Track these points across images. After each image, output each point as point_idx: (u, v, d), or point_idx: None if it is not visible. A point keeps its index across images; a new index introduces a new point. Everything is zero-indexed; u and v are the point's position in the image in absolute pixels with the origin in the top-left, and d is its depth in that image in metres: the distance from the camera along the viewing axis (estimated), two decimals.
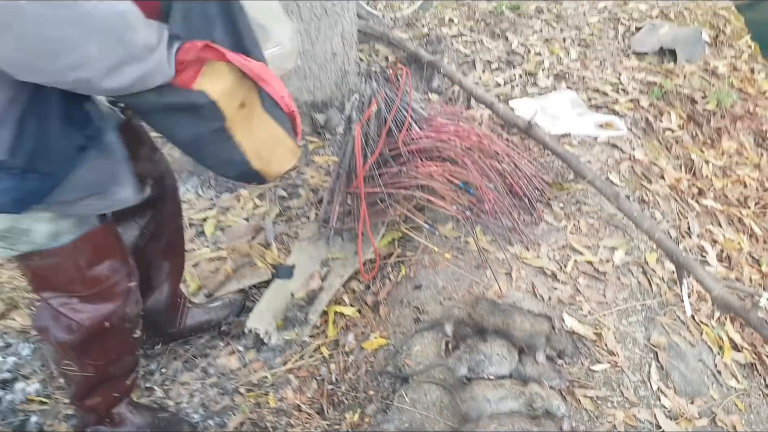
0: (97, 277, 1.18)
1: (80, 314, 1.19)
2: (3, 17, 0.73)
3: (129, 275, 1.24)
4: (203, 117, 0.99)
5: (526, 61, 3.15)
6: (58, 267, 1.14)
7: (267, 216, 2.26)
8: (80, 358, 1.26)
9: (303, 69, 2.70)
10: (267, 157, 1.11)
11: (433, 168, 2.00)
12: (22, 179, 0.93)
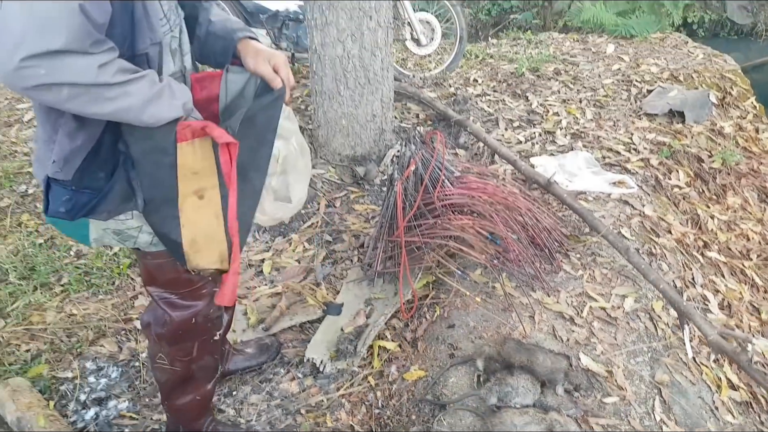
0: (190, 279, 1.45)
1: (174, 310, 1.48)
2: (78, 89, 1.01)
3: (214, 281, 1.52)
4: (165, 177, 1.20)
5: (545, 120, 3.45)
6: (163, 267, 1.42)
7: (316, 258, 2.55)
8: (171, 353, 1.54)
9: (347, 128, 3.03)
10: (199, 245, 1.30)
11: (464, 221, 2.28)
12: (75, 193, 1.20)
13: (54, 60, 0.96)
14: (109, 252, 2.52)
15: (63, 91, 1.00)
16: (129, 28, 1.11)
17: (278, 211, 1.47)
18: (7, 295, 2.31)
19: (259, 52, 1.33)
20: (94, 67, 1.00)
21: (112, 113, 1.08)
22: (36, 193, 2.90)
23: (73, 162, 1.17)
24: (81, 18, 0.96)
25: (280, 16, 3.72)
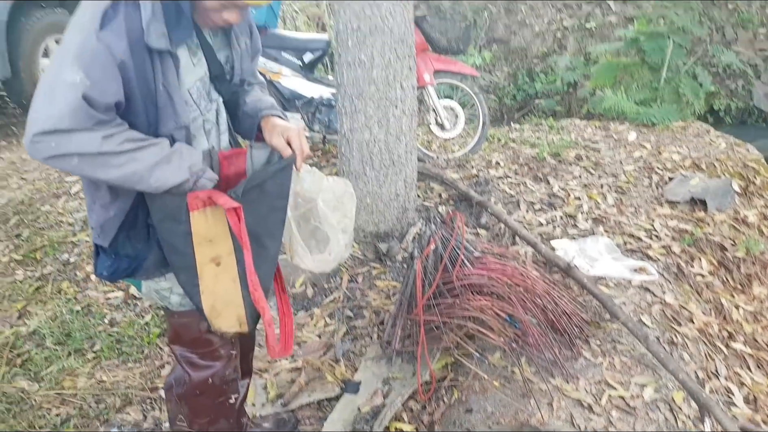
0: (209, 340, 1.55)
1: (194, 369, 1.57)
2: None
3: (231, 344, 1.61)
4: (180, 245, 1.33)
5: (567, 204, 3.53)
6: (188, 326, 1.54)
7: (336, 334, 2.60)
8: (190, 414, 1.62)
9: (371, 206, 3.15)
10: (218, 310, 1.43)
11: (483, 302, 2.33)
12: (116, 260, 1.37)
13: (61, 136, 1.12)
14: (141, 321, 2.62)
15: (73, 160, 1.16)
16: (153, 114, 1.26)
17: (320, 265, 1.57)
18: (42, 359, 2.41)
19: (275, 126, 1.47)
20: (98, 139, 1.15)
21: (120, 178, 1.21)
22: (77, 261, 3.05)
23: (108, 231, 1.32)
24: (84, 105, 1.12)
25: (314, 102, 3.96)
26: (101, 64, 1.14)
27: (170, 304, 1.51)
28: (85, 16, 1.18)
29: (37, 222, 3.43)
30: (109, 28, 1.16)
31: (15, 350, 2.51)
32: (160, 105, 1.25)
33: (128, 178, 1.21)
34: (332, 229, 1.54)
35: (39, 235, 3.30)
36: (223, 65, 1.45)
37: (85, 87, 1.12)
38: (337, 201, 1.58)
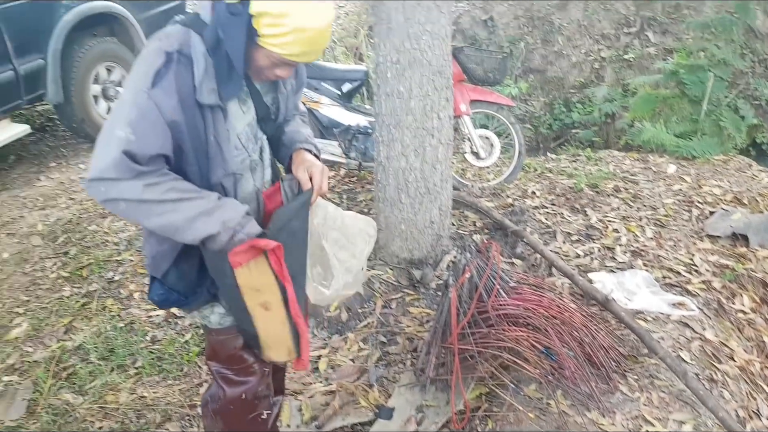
0: (244, 357, 1.63)
1: (229, 385, 1.64)
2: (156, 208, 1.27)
3: (262, 362, 1.67)
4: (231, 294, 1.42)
5: (604, 236, 3.50)
6: (224, 344, 1.61)
7: (370, 359, 2.63)
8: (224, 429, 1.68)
9: (406, 233, 3.18)
10: (269, 344, 1.54)
11: (518, 333, 2.33)
12: (168, 292, 1.45)
13: (108, 184, 1.23)
14: (181, 340, 2.69)
15: (120, 204, 1.26)
16: (204, 164, 1.34)
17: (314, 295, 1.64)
18: (87, 373, 2.50)
19: (303, 160, 1.55)
20: (140, 188, 1.24)
21: (160, 227, 1.30)
22: (121, 280, 3.16)
23: (161, 264, 1.41)
24: (125, 159, 1.22)
25: (351, 130, 4.05)
26: (149, 122, 1.24)
27: (210, 322, 1.58)
28: (138, 74, 1.27)
29: (84, 241, 3.56)
30: (159, 87, 1.24)
31: (61, 364, 2.61)
32: (210, 155, 1.34)
33: (167, 227, 1.29)
34: (336, 266, 1.60)
35: (85, 253, 3.43)
36: (270, 107, 1.53)
37: (129, 143, 1.22)
38: (347, 240, 1.64)
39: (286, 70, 1.37)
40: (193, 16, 1.34)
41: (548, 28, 7.44)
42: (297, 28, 1.25)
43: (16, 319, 2.95)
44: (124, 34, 5.06)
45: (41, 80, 4.33)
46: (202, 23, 1.32)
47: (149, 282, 1.49)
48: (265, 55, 1.32)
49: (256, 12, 1.24)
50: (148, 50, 1.30)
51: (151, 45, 1.31)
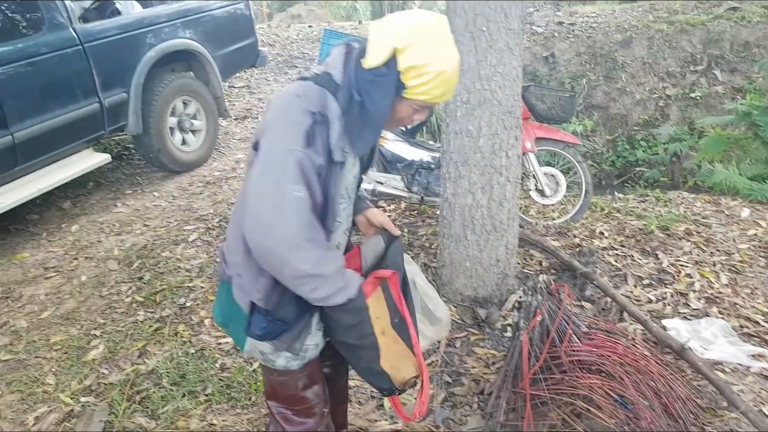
0: (305, 397, 1.64)
1: (289, 425, 1.65)
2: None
3: (325, 402, 1.70)
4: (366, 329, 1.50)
5: (677, 281, 3.39)
6: (285, 384, 1.63)
7: (435, 399, 2.60)
8: None
9: (470, 270, 3.17)
10: (398, 366, 1.58)
11: (593, 380, 2.26)
12: (270, 323, 1.49)
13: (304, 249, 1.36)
14: (249, 368, 2.74)
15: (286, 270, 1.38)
16: (323, 214, 1.45)
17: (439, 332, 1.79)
18: (159, 398, 2.57)
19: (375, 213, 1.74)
20: (312, 261, 1.35)
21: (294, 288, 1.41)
22: (192, 306, 3.26)
23: (272, 297, 1.46)
24: (311, 217, 1.39)
25: (415, 165, 4.10)
26: (311, 179, 1.35)
27: (274, 365, 1.59)
28: (287, 132, 1.35)
29: (157, 266, 3.70)
30: (312, 147, 1.35)
31: (135, 387, 2.69)
32: (327, 206, 1.44)
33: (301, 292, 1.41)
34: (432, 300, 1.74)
35: (159, 279, 3.56)
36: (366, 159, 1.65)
37: (307, 200, 1.34)
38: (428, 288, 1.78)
39: (424, 113, 1.48)
40: (325, 76, 1.43)
41: (611, 65, 7.37)
42: (439, 72, 1.35)
43: (93, 341, 3.07)
44: (200, 70, 5.32)
45: (123, 112, 4.58)
46: (335, 84, 1.41)
47: (248, 316, 1.51)
48: (408, 105, 1.43)
49: (404, 68, 1.34)
50: (293, 107, 1.37)
51: (294, 102, 1.38)
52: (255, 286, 1.47)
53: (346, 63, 1.42)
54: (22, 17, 3.97)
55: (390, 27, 1.36)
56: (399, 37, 1.33)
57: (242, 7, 5.71)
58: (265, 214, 1.31)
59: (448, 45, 1.38)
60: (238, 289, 1.52)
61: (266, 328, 1.50)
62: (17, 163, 3.93)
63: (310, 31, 10.69)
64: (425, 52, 1.33)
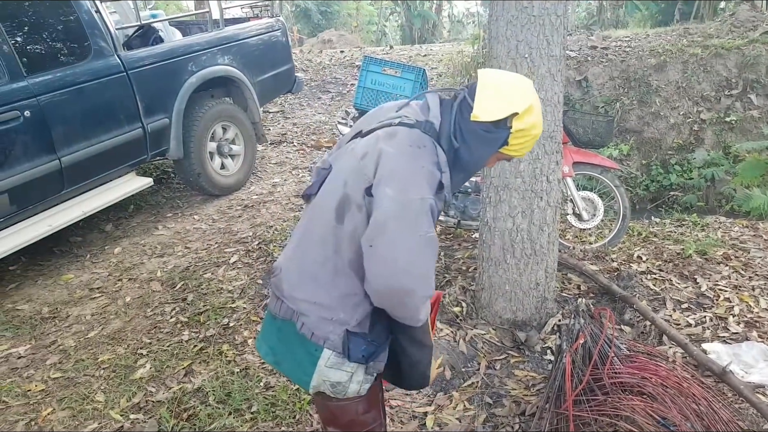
0: (365, 421, 1.66)
1: None
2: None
3: (381, 424, 1.72)
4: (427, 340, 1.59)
5: (716, 305, 3.36)
6: (345, 409, 1.64)
7: (476, 420, 2.62)
8: None
9: (510, 293, 3.19)
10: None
11: (635, 402, 2.26)
12: (369, 345, 1.54)
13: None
14: (293, 387, 2.79)
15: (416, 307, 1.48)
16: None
17: None
18: (206, 415, 2.64)
19: None
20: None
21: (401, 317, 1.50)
22: (235, 326, 3.34)
23: (365, 321, 1.53)
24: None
25: None
26: (433, 225, 1.45)
27: (347, 392, 1.58)
28: (421, 188, 1.43)
29: (200, 288, 3.80)
30: (438, 195, 1.47)
31: (182, 405, 2.76)
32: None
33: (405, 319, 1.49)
34: None
35: (202, 299, 3.65)
36: None
37: (435, 242, 1.45)
38: None
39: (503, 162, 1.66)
40: (428, 125, 1.53)
41: (645, 89, 7.37)
42: (535, 135, 1.53)
43: (140, 360, 3.16)
44: (239, 96, 5.49)
45: (165, 137, 4.74)
46: (435, 130, 1.53)
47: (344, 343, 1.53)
48: (497, 156, 1.58)
49: (516, 130, 1.49)
50: (418, 159, 1.46)
51: (417, 153, 1.47)
52: (353, 316, 1.52)
53: (443, 113, 1.55)
54: (71, 45, 4.17)
55: (509, 91, 1.49)
56: (521, 104, 1.47)
57: (279, 34, 5.89)
58: (401, 258, 1.38)
59: (541, 111, 1.55)
60: (314, 325, 1.54)
61: (366, 350, 1.53)
62: (64, 187, 4.08)
63: (342, 56, 10.92)
64: (534, 119, 1.50)
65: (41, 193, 3.92)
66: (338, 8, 22.07)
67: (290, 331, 1.57)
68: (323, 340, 1.52)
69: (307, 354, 1.54)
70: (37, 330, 3.54)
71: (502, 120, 1.47)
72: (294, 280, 1.57)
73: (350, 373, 1.55)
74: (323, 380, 1.55)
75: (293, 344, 1.57)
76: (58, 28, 4.13)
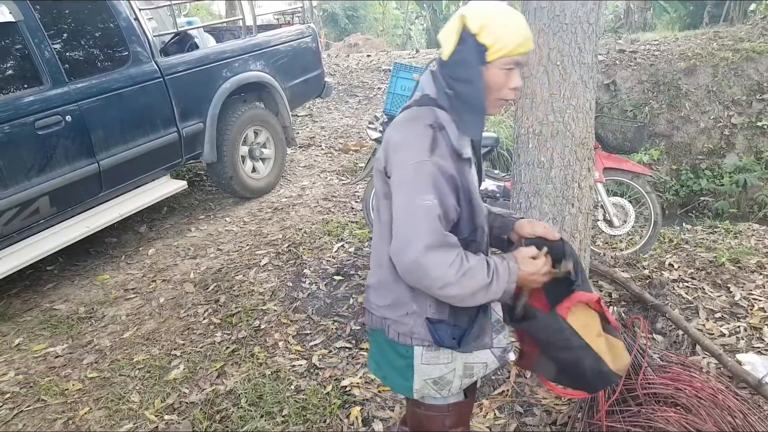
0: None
1: None
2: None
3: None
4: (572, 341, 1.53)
5: (751, 315, 3.31)
6: (432, 420, 1.66)
7: (507, 429, 2.62)
8: None
9: None
10: (616, 357, 1.60)
11: (670, 413, 2.24)
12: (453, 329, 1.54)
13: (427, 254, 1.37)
14: (323, 391, 2.82)
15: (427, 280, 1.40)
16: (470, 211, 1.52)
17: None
18: (238, 417, 2.68)
19: (531, 222, 1.70)
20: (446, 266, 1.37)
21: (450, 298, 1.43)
22: (266, 328, 3.39)
23: (444, 307, 1.52)
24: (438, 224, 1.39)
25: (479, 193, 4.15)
26: (440, 184, 1.41)
27: (450, 389, 1.60)
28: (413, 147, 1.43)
29: (232, 289, 3.87)
30: (437, 153, 1.42)
31: (215, 407, 2.82)
32: (473, 202, 1.52)
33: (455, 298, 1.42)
34: None
35: (234, 301, 3.72)
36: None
37: (436, 208, 1.38)
38: None
39: (517, 75, 1.51)
40: (424, 98, 1.54)
41: (674, 93, 7.26)
42: (508, 22, 1.43)
43: (174, 361, 3.23)
44: (270, 100, 5.57)
45: (199, 141, 4.83)
46: (433, 99, 1.52)
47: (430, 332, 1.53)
48: (496, 69, 1.46)
49: (476, 30, 1.43)
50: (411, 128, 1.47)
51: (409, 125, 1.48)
52: (426, 305, 1.52)
53: (434, 80, 1.54)
54: (110, 52, 4.27)
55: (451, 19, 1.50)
56: (461, 14, 1.47)
57: (310, 40, 5.96)
58: (402, 230, 1.37)
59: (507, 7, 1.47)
60: (397, 326, 1.56)
61: (454, 332, 1.53)
62: (102, 190, 4.19)
63: (369, 60, 10.97)
64: (489, 10, 1.44)
65: (80, 196, 4.03)
66: (364, 12, 22.23)
67: (382, 340, 1.62)
68: (410, 338, 1.55)
69: (401, 358, 1.58)
70: (74, 330, 3.63)
71: (462, 35, 1.46)
72: (373, 289, 1.62)
73: (449, 365, 1.57)
74: (425, 380, 1.58)
75: (388, 353, 1.61)
76: (97, 35, 4.24)
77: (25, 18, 3.69)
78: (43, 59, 3.75)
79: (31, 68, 3.72)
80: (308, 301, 3.70)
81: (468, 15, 1.45)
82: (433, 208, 1.37)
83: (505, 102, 1.55)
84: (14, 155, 3.56)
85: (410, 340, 1.54)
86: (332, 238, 4.56)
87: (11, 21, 3.62)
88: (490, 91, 1.50)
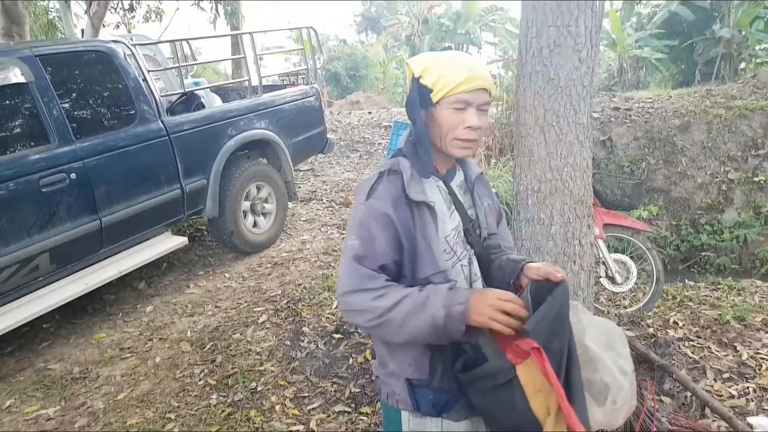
0: None
1: None
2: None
3: None
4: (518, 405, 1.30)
5: (759, 375, 3.24)
6: None
7: None
8: None
9: None
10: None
11: None
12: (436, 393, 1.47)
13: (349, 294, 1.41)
14: None
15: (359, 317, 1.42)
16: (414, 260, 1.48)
17: (610, 418, 1.41)
18: None
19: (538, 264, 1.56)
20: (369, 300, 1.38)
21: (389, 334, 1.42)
22: (263, 390, 3.31)
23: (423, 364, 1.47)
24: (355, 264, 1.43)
25: None
26: (367, 227, 1.45)
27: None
28: (357, 197, 1.53)
29: (229, 349, 3.80)
30: (373, 197, 1.48)
31: None
32: (419, 251, 1.48)
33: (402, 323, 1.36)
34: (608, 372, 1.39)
35: (230, 361, 3.64)
36: (472, 219, 1.67)
37: (356, 248, 1.43)
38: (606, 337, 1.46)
39: (472, 114, 1.48)
40: (397, 150, 1.61)
41: (670, 149, 7.37)
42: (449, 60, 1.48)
43: (168, 425, 3.13)
44: (274, 156, 5.64)
45: (202, 197, 4.85)
46: (401, 149, 1.59)
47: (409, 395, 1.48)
48: (445, 107, 1.48)
49: (419, 73, 1.49)
50: (367, 178, 1.55)
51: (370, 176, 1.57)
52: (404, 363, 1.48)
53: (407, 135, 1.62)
54: (117, 111, 4.35)
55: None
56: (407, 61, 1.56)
57: (313, 99, 6.10)
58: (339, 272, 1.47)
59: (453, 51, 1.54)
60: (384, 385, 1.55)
61: (435, 399, 1.46)
62: (102, 246, 4.17)
63: (370, 117, 11.18)
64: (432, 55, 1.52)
65: (80, 253, 4.01)
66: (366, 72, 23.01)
67: (383, 405, 1.61)
68: (395, 400, 1.52)
69: (391, 422, 1.55)
70: (67, 390, 3.55)
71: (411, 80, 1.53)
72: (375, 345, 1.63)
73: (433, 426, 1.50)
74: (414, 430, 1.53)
75: (387, 418, 1.60)
76: (106, 94, 4.33)
77: (36, 78, 3.78)
78: (52, 118, 3.81)
79: (39, 127, 3.78)
80: (306, 360, 3.63)
81: (411, 61, 1.54)
82: (352, 248, 1.43)
83: (466, 142, 1.52)
84: (17, 212, 3.57)
85: (396, 403, 1.51)
86: (332, 293, 4.52)
87: (23, 82, 3.70)
88: (444, 131, 1.51)
